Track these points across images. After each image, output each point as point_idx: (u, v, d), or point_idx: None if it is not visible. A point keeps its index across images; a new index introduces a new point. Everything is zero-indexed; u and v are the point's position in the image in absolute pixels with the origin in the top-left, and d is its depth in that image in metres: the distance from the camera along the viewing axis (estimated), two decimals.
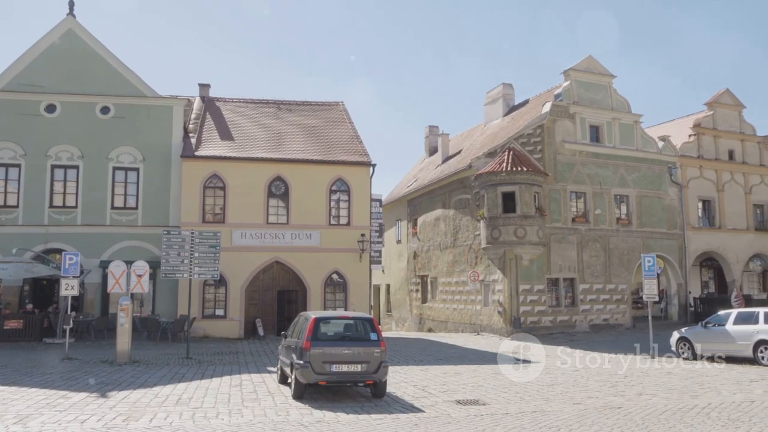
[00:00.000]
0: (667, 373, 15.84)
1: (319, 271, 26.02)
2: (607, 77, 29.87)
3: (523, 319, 26.31)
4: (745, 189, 32.99)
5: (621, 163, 29.49)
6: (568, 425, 9.87)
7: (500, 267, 26.89)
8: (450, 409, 11.24)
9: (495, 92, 34.71)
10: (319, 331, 12.11)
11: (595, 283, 28.18)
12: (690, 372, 15.94)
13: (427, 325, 33.36)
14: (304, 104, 31.38)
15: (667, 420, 10.19)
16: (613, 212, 29.12)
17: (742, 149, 33.22)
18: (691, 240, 31.02)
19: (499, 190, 26.42)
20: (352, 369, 11.73)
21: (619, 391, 13.20)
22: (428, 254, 33.68)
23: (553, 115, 28.27)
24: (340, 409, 11.11)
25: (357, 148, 27.89)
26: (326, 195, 26.42)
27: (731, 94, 33.85)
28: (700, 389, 13.25)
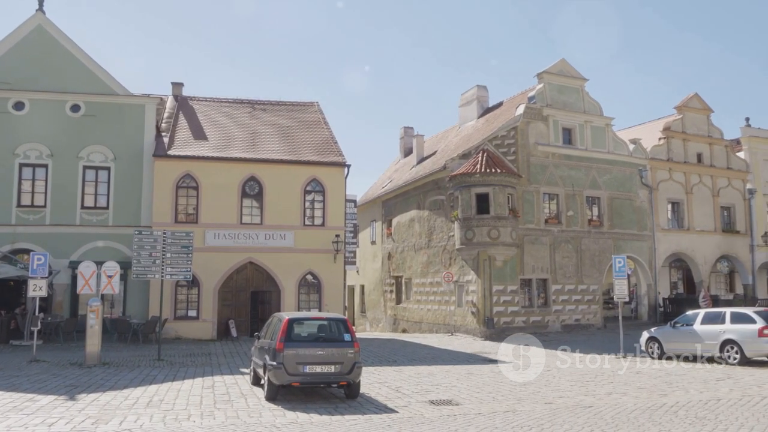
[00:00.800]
0: (637, 372, 16.09)
1: (294, 272, 25.91)
2: (579, 80, 30.27)
3: (496, 320, 26.51)
4: (712, 191, 33.68)
5: (593, 165, 29.89)
6: (540, 424, 9.97)
7: (474, 268, 27.07)
8: (423, 410, 11.28)
9: (469, 94, 34.94)
10: (293, 332, 12.07)
11: (567, 284, 28.52)
12: (659, 371, 16.21)
13: (401, 325, 33.43)
14: (279, 104, 31.23)
15: (636, 418, 10.35)
16: (585, 214, 29.51)
17: (710, 152, 33.90)
18: (660, 241, 31.56)
19: (473, 192, 26.59)
20: (325, 370, 11.69)
21: (590, 390, 13.37)
22: (403, 255, 33.75)
23: (527, 118, 28.55)
24: (313, 411, 11.08)
25: (332, 148, 27.84)
26: (301, 195, 26.33)
27: (700, 98, 34.53)
28: (668, 388, 13.48)
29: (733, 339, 16.87)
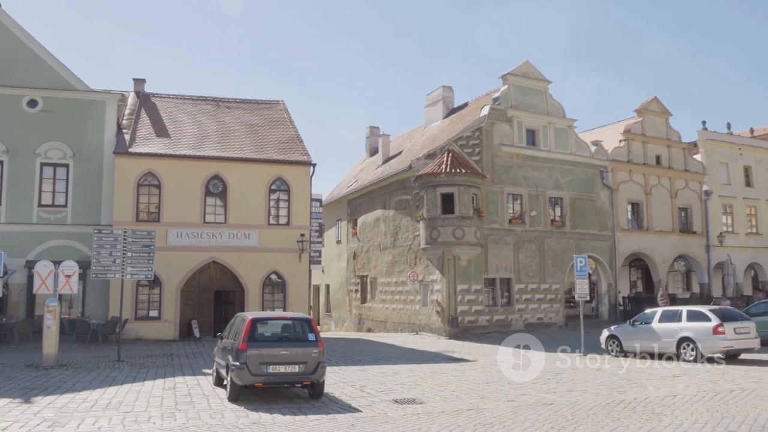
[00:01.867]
0: (597, 369, 16.39)
1: (258, 272, 25.69)
2: (543, 82, 30.68)
3: (460, 319, 26.72)
4: (670, 193, 34.50)
5: (556, 167, 30.34)
6: (502, 422, 10.08)
7: (439, 267, 27.22)
8: (387, 409, 11.30)
9: (435, 94, 35.13)
10: (256, 331, 11.98)
11: (531, 283, 28.90)
12: (618, 368, 16.54)
13: (366, 325, 33.43)
14: (244, 102, 30.92)
15: (595, 415, 10.55)
16: (548, 214, 29.94)
17: (668, 155, 34.73)
18: (620, 241, 32.21)
19: (439, 192, 26.74)
20: (289, 370, 11.64)
21: (551, 387, 13.57)
22: (368, 254, 33.76)
23: (492, 119, 28.83)
24: (276, 411, 11.01)
25: (297, 147, 27.68)
26: (265, 194, 26.10)
27: (659, 101, 35.34)
28: (627, 385, 13.77)
29: (689, 337, 17.31)
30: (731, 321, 17.27)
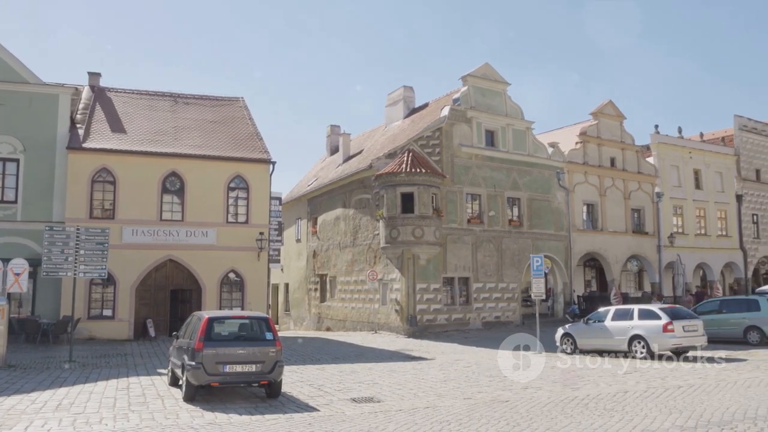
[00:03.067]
0: (552, 367, 16.69)
1: (215, 270, 25.37)
2: (502, 84, 31.08)
3: (419, 318, 26.89)
4: (624, 194, 35.36)
5: (514, 167, 30.79)
6: (458, 419, 10.20)
7: (398, 266, 27.34)
8: (345, 407, 11.32)
9: (396, 94, 35.24)
10: (213, 331, 11.85)
11: (488, 282, 29.27)
12: (572, 366, 16.88)
13: (325, 324, 33.36)
14: (203, 98, 30.48)
15: (549, 411, 10.76)
16: (505, 214, 30.36)
17: (622, 157, 35.58)
18: (576, 241, 32.88)
19: (399, 191, 26.85)
20: (246, 369, 11.55)
21: (507, 385, 13.79)
22: (328, 253, 33.68)
23: (452, 119, 29.08)
24: (232, 410, 10.92)
25: (257, 145, 27.43)
26: (224, 192, 25.80)
27: (614, 105, 36.18)
28: (580, 382, 14.08)
29: (640, 334, 17.78)
30: (680, 319, 17.82)
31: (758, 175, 42.50)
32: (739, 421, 9.62)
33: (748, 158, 41.96)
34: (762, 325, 20.70)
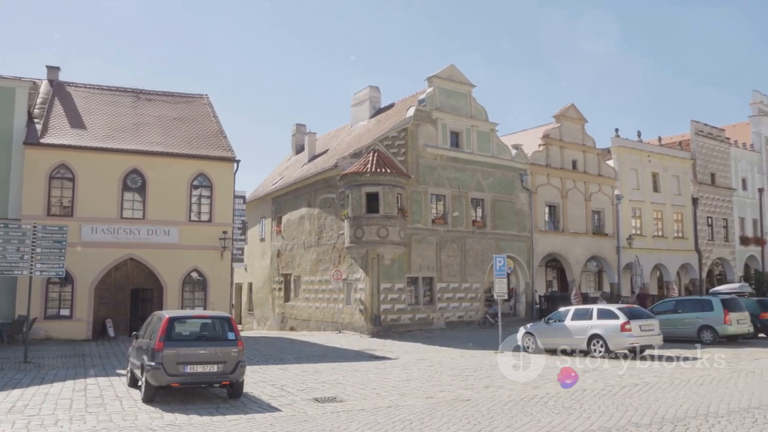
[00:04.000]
0: (513, 366, 16.91)
1: (177, 269, 25.03)
2: (467, 86, 31.34)
3: (383, 317, 26.97)
4: (585, 196, 36.02)
5: (478, 169, 31.09)
6: (420, 419, 10.28)
7: (363, 266, 27.37)
8: (307, 407, 11.30)
9: (362, 94, 35.26)
10: (174, 331, 11.71)
11: (452, 282, 29.50)
12: (533, 365, 17.11)
13: (289, 323, 33.19)
14: (166, 95, 30.01)
15: (510, 410, 10.92)
16: (469, 215, 30.64)
17: (583, 159, 36.23)
18: (538, 242, 33.37)
19: (364, 191, 26.87)
20: (207, 369, 11.44)
21: (469, 384, 13.94)
22: (292, 253, 33.52)
23: (417, 120, 29.23)
24: (193, 411, 10.80)
25: (221, 142, 27.14)
26: (187, 190, 25.45)
27: (576, 108, 36.81)
28: (540, 380, 14.30)
29: (599, 334, 18.14)
30: (637, 319, 18.23)
31: (713, 179, 43.76)
32: (692, 418, 9.91)
33: (704, 162, 43.17)
34: (715, 325, 21.33)
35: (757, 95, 49.02)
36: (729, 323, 21.20)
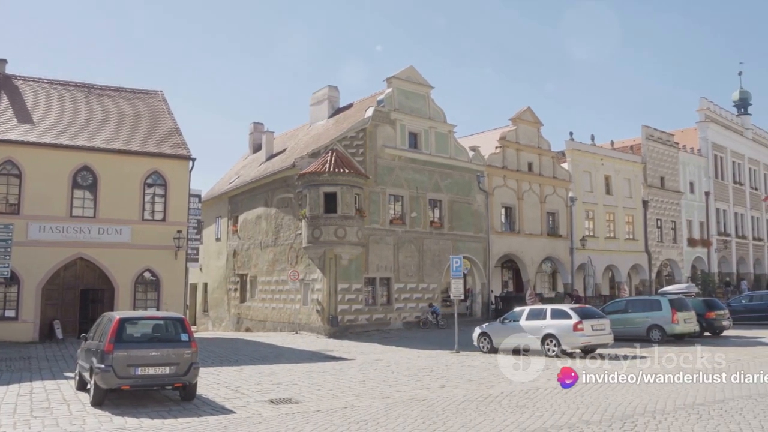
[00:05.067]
0: (469, 366, 17.09)
1: (130, 269, 24.44)
2: (426, 87, 31.52)
3: (340, 318, 26.90)
4: (540, 198, 36.64)
5: (436, 170, 31.29)
6: (376, 419, 10.29)
7: (320, 266, 27.25)
8: (262, 409, 11.18)
9: (321, 93, 35.11)
10: (125, 332, 11.46)
11: (409, 283, 29.62)
12: (488, 364, 17.33)
13: (245, 324, 32.81)
14: (119, 90, 29.27)
15: (464, 409, 11.02)
16: (427, 215, 30.82)
17: (539, 162, 36.85)
18: (494, 243, 33.78)
19: (322, 191, 26.76)
20: (159, 372, 11.23)
21: (425, 384, 14.01)
22: (248, 253, 33.15)
23: (375, 120, 29.25)
24: (144, 415, 10.57)
25: (176, 140, 26.63)
26: (140, 188, 24.88)
27: (532, 112, 37.42)
28: (495, 380, 14.49)
29: (552, 333, 18.46)
30: (589, 318, 18.62)
31: (662, 183, 45.06)
32: (640, 415, 10.18)
33: (654, 166, 44.41)
34: (663, 324, 21.95)
35: (704, 102, 50.72)
36: (676, 323, 21.86)
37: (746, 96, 60.53)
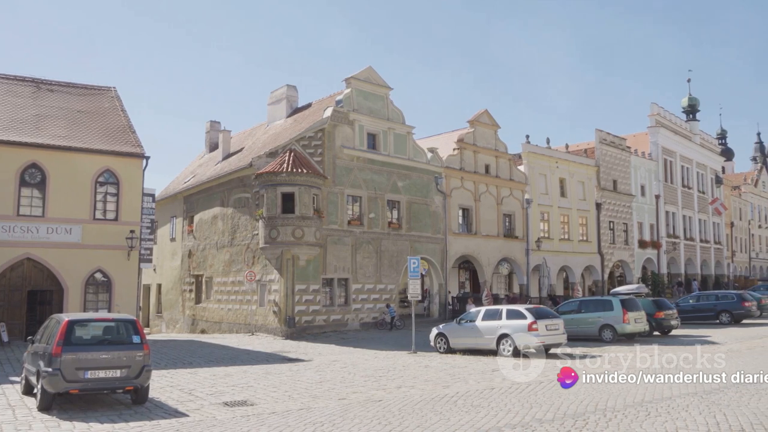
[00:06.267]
0: (425, 366, 17.19)
1: (80, 270, 23.75)
2: (384, 88, 31.58)
3: (297, 319, 26.73)
4: (497, 200, 37.11)
5: (394, 171, 31.38)
6: (332, 420, 10.25)
7: (277, 267, 27.02)
8: (216, 412, 11.03)
9: (279, 93, 34.84)
10: (73, 334, 11.15)
11: (367, 283, 29.63)
12: (444, 364, 17.48)
13: (200, 326, 32.29)
14: (70, 86, 28.44)
15: (420, 409, 11.08)
16: (385, 216, 30.89)
17: (496, 164, 37.32)
18: (451, 244, 34.07)
19: (279, 191, 26.54)
20: (110, 375, 10.97)
21: (382, 385, 14.03)
22: (204, 253, 32.64)
23: (334, 121, 29.16)
24: (93, 419, 10.31)
25: (129, 138, 26.02)
26: (91, 187, 24.20)
27: (489, 114, 37.87)
28: (451, 380, 14.61)
29: (507, 333, 18.74)
30: (544, 318, 18.97)
31: (615, 186, 46.17)
32: (591, 413, 10.40)
33: (607, 169, 45.47)
34: (614, 324, 22.49)
35: (654, 107, 52.19)
36: (627, 322, 22.42)
37: (695, 102, 62.68)
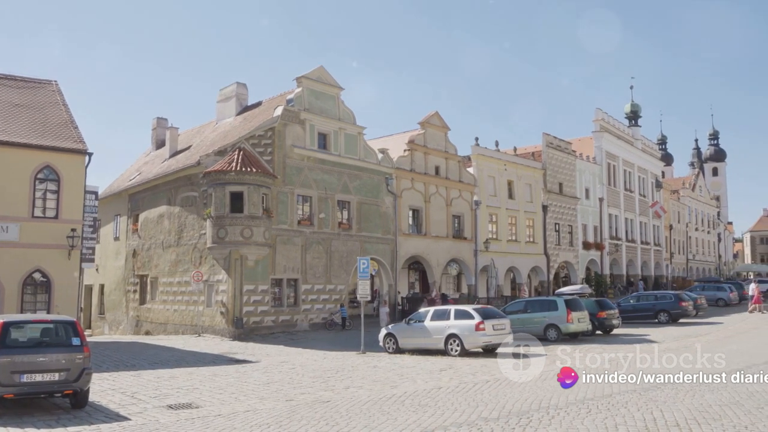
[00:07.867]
0: (374, 366, 17.24)
1: (17, 269, 22.81)
2: (336, 89, 31.49)
3: (246, 320, 26.40)
4: (446, 201, 37.50)
5: (345, 171, 31.33)
6: (279, 422, 10.17)
7: (225, 267, 26.62)
8: (160, 415, 10.80)
9: (228, 90, 34.35)
10: (9, 337, 10.75)
11: (317, 284, 29.50)
12: (393, 365, 17.56)
13: (144, 327, 31.52)
14: (7, 78, 27.32)
15: (368, 409, 11.10)
16: (335, 217, 30.81)
17: (446, 166, 37.70)
18: (402, 245, 34.24)
19: (228, 190, 26.16)
20: (48, 378, 10.61)
21: (330, 385, 14.00)
22: (149, 253, 31.89)
23: (285, 120, 28.92)
24: (29, 424, 9.95)
25: (71, 133, 25.16)
26: (30, 183, 23.28)
27: (440, 116, 38.23)
28: (399, 380, 14.68)
29: (455, 333, 18.96)
30: (491, 318, 19.26)
31: (561, 188, 47.28)
32: (535, 411, 10.62)
33: (553, 172, 46.53)
34: (559, 323, 23.02)
35: (599, 112, 53.71)
36: (571, 322, 22.97)
37: (637, 109, 64.85)
